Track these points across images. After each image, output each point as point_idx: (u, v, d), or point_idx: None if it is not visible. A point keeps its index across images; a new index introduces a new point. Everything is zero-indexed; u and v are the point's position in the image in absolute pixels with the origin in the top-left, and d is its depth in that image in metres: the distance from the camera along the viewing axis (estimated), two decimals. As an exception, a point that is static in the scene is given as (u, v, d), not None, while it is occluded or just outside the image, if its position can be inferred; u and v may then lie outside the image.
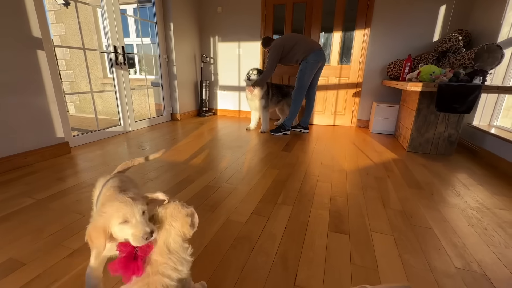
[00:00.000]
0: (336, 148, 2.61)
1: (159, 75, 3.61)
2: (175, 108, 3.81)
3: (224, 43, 4.01)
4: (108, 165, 2.03)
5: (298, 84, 2.84)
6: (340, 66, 3.57)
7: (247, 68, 3.98)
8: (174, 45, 3.52)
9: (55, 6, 5.02)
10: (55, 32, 5.15)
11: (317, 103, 3.78)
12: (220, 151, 2.43)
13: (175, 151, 2.40)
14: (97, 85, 5.19)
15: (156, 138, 2.84)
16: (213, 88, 4.29)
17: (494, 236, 1.26)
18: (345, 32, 3.45)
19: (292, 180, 1.82)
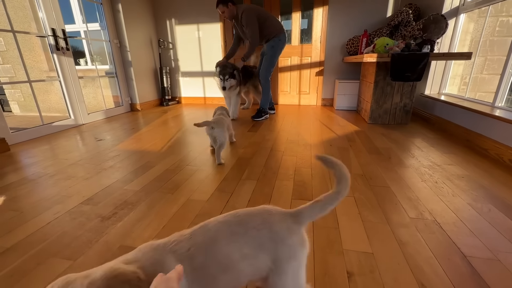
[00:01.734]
0: (302, 126, 2.63)
1: (112, 64, 3.32)
2: (134, 98, 3.59)
3: (182, 26, 3.83)
4: (57, 158, 1.83)
5: (270, 62, 2.66)
6: (301, 45, 3.58)
7: (210, 51, 3.84)
8: (125, 28, 3.27)
9: (-20, -11, 4.35)
10: (-17, 20, 4.48)
11: (281, 83, 3.79)
12: (183, 137, 2.33)
13: (134, 139, 2.26)
14: (42, 77, 4.67)
15: (114, 129, 2.66)
16: (175, 75, 4.11)
17: (443, 187, 1.34)
18: (304, 12, 3.45)
19: (258, 157, 1.80)
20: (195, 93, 4.14)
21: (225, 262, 0.48)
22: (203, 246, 0.49)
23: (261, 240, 0.51)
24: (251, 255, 0.50)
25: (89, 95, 4.59)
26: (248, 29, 2.48)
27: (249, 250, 0.50)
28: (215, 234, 0.51)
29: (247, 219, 0.53)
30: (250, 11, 2.43)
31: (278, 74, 3.74)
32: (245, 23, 2.47)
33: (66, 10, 4.20)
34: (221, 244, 0.49)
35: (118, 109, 3.45)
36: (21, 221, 1.12)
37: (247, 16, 2.43)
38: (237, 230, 0.51)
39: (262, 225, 0.52)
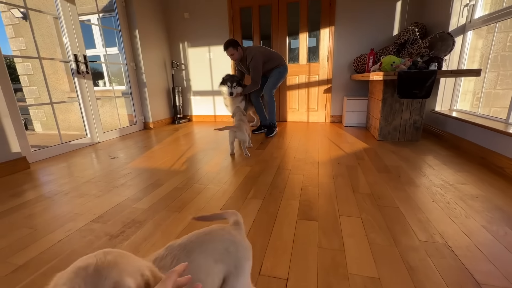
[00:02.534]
0: (310, 143, 2.63)
1: (128, 84, 3.50)
2: (147, 116, 3.72)
3: (194, 48, 4.00)
4: (73, 176, 1.91)
5: (274, 83, 2.84)
6: (308, 64, 3.65)
7: (219, 71, 3.98)
8: (141, 52, 3.46)
9: (13, 20, 4.78)
10: (15, 47, 4.89)
11: (290, 101, 3.84)
12: (192, 154, 2.38)
13: (145, 157, 2.32)
14: (64, 99, 4.97)
15: (127, 147, 2.75)
16: (187, 94, 4.25)
17: (456, 208, 1.29)
18: (311, 32, 3.55)
19: (265, 175, 1.80)
20: (206, 111, 4.25)
21: (197, 277, 0.50)
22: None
23: (225, 244, 0.56)
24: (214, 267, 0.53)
25: (106, 114, 4.82)
26: (253, 72, 2.72)
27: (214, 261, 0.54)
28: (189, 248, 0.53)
29: (205, 237, 0.57)
30: (258, 57, 2.67)
31: (286, 91, 3.80)
32: (252, 66, 2.70)
33: (89, 37, 4.52)
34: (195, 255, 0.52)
35: (132, 128, 3.57)
36: (34, 239, 1.17)
37: (256, 61, 2.68)
38: (204, 245, 0.55)
39: (222, 234, 0.58)
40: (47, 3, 4.55)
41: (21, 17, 4.68)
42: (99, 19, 3.27)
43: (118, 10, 3.25)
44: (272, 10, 3.58)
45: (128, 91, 3.56)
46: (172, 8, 3.91)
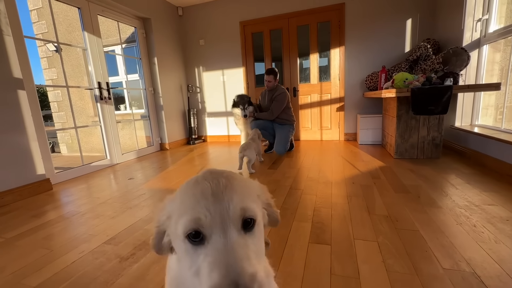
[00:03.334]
0: (323, 162, 2.58)
1: (146, 108, 3.66)
2: (164, 138, 3.83)
3: (209, 72, 4.16)
4: (91, 197, 1.97)
5: (286, 140, 2.92)
6: (320, 83, 3.68)
7: (233, 93, 4.06)
8: (159, 77, 3.64)
9: (47, 53, 5.27)
10: (48, 76, 5.34)
11: (302, 119, 3.84)
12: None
13: (160, 178, 2.36)
14: (87, 123, 5.27)
15: (143, 167, 2.82)
16: (201, 116, 4.36)
17: (484, 232, 1.19)
18: (321, 52, 3.61)
19: (276, 195, 1.77)
20: (220, 131, 4.32)
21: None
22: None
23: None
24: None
25: (125, 136, 5.03)
26: (276, 104, 2.88)
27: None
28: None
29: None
30: (286, 95, 2.88)
31: (299, 111, 3.81)
32: (278, 99, 2.86)
33: (112, 65, 4.86)
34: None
35: (149, 149, 3.68)
36: (50, 260, 1.19)
37: (283, 97, 2.87)
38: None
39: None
40: (78, 36, 5.00)
41: (54, 50, 5.15)
42: (122, 49, 3.52)
43: (139, 41, 3.49)
44: (283, 33, 3.70)
45: (146, 114, 3.71)
46: (189, 36, 4.15)
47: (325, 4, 3.41)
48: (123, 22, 3.26)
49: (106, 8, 2.98)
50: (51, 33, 5.10)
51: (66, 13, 4.93)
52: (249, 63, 3.94)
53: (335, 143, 3.51)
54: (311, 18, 3.53)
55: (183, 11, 4.09)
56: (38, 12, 5.10)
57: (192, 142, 4.16)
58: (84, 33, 2.74)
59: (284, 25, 3.67)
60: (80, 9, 2.68)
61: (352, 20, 3.35)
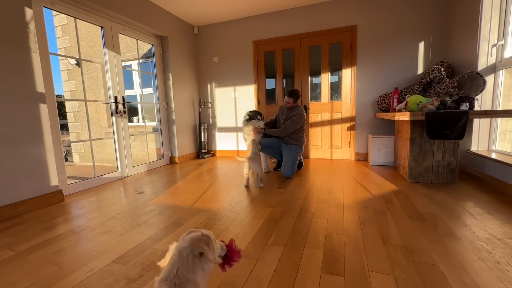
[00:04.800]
0: (334, 183, 2.54)
1: (159, 121, 3.73)
2: (174, 151, 3.87)
3: (221, 88, 4.24)
4: (101, 211, 1.98)
5: (293, 162, 2.82)
6: (331, 102, 3.68)
7: (243, 109, 4.13)
8: (173, 93, 3.73)
9: (68, 66, 5.52)
10: (67, 88, 5.57)
11: (313, 137, 3.82)
12: (214, 191, 2.39)
13: (169, 193, 2.36)
14: (101, 134, 5.39)
15: (153, 181, 2.83)
16: (212, 130, 4.41)
17: (509, 270, 1.12)
18: (332, 72, 3.64)
19: (286, 218, 1.73)
20: (229, 146, 4.34)
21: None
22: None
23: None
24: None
25: (137, 148, 5.11)
26: (290, 124, 2.83)
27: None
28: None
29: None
30: (303, 117, 2.85)
31: (309, 129, 3.81)
32: (293, 119, 2.82)
33: (129, 79, 5.03)
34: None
35: (159, 162, 3.71)
36: (58, 277, 1.19)
37: (299, 117, 2.82)
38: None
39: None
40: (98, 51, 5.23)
41: (75, 64, 5.39)
42: (139, 64, 3.65)
43: (156, 57, 3.61)
44: (295, 52, 3.76)
45: (158, 127, 3.78)
46: (203, 54, 4.27)
47: (337, 25, 3.47)
48: (142, 40, 3.39)
49: (127, 27, 3.12)
50: (73, 47, 5.36)
51: (89, 29, 5.19)
52: (261, 80, 3.99)
53: (346, 163, 3.46)
54: (323, 39, 3.59)
55: (198, 30, 4.23)
56: (62, 28, 5.40)
57: (201, 156, 4.18)
58: (105, 50, 2.86)
59: (296, 45, 3.73)
60: (103, 28, 2.82)
61: (364, 41, 3.39)
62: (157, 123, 3.82)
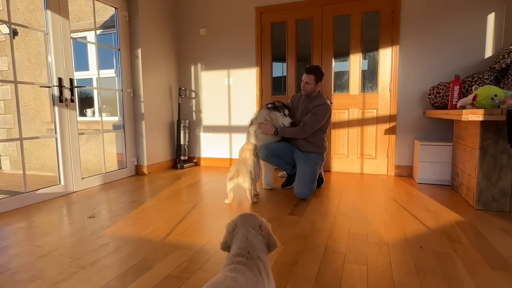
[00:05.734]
0: (369, 208, 2.42)
1: (122, 115, 3.61)
2: (141, 158, 3.76)
3: (209, 72, 4.15)
4: (30, 244, 1.82)
5: (312, 178, 2.76)
6: (363, 95, 3.60)
7: (241, 101, 4.04)
8: (142, 76, 3.61)
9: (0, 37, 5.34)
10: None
11: (336, 144, 3.75)
12: (197, 217, 2.26)
13: (132, 219, 2.23)
14: (42, 131, 5.20)
15: (110, 201, 2.70)
16: (195, 130, 4.32)
17: None
18: (365, 53, 3.57)
19: (305, 261, 1.59)
20: (219, 153, 4.23)
21: None
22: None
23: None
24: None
25: (90, 152, 4.93)
26: (312, 118, 2.75)
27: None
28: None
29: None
30: (328, 110, 2.77)
31: (331, 130, 3.74)
32: (317, 112, 2.73)
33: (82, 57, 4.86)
34: None
35: (121, 173, 3.58)
36: None
37: (324, 110, 2.74)
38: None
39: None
40: (41, 17, 5.07)
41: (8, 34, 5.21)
42: (96, 36, 3.49)
43: (120, 26, 3.49)
44: (314, 25, 3.69)
45: (121, 123, 3.65)
46: (186, 24, 4.18)
47: (374, -12, 3.39)
48: (100, 1, 3.24)
49: (80, -19, 2.97)
50: (5, 10, 5.20)
51: (29, -13, 5.04)
52: (266, 63, 3.91)
53: (383, 180, 3.37)
54: (353, 6, 3.51)
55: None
56: (-8, -16, 5.24)
57: (180, 166, 4.11)
58: (47, 12, 2.71)
59: (316, 14, 3.66)
60: (45, -19, 2.67)
61: (410, 11, 3.30)
62: (119, 118, 3.70)
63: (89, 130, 4.89)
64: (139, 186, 3.22)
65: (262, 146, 2.81)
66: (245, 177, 2.47)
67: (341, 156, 3.74)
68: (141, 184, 3.30)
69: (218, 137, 4.22)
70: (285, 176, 3.21)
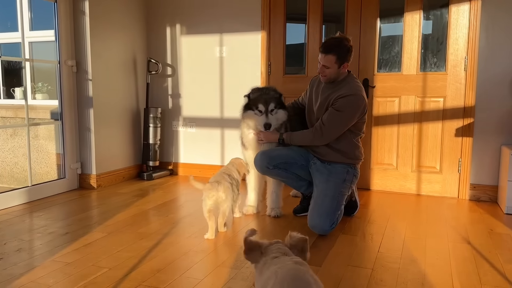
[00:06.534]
0: (430, 256, 2.31)
1: (60, 100, 3.58)
2: (88, 164, 3.74)
3: (193, 38, 4.14)
4: None
5: (336, 206, 2.70)
6: (422, 75, 3.56)
7: (238, 83, 4.01)
8: (90, 41, 3.56)
9: None
10: None
11: (378, 148, 3.78)
12: (170, 258, 2.21)
13: (60, 265, 2.11)
14: None
15: (32, 231, 2.64)
16: (171, 123, 4.32)
17: None
18: (428, 11, 3.51)
19: None
20: (206, 157, 4.24)
21: None
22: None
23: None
24: None
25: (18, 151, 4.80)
26: (334, 117, 2.68)
27: None
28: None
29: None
30: (361, 102, 2.68)
31: (372, 128, 3.70)
32: (341, 107, 2.65)
33: (7, 12, 4.85)
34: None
35: (56, 185, 3.56)
36: None
37: (353, 104, 2.66)
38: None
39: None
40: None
41: None
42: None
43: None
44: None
45: (60, 110, 3.64)
46: (159, -35, 4.16)
47: None
48: None
49: None
50: None
51: None
52: (276, 25, 3.89)
53: (451, 206, 3.31)
54: None
55: None
56: None
57: (147, 176, 4.12)
58: None
59: (353, -49, 3.63)
60: None
61: None
62: (58, 103, 3.70)
63: (17, 119, 4.79)
64: (81, 207, 3.18)
65: (260, 153, 2.79)
66: (227, 191, 2.52)
67: (387, 167, 3.70)
68: (85, 204, 3.28)
69: (204, 134, 4.21)
70: (299, 196, 3.18)
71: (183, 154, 4.28)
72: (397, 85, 3.56)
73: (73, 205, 3.19)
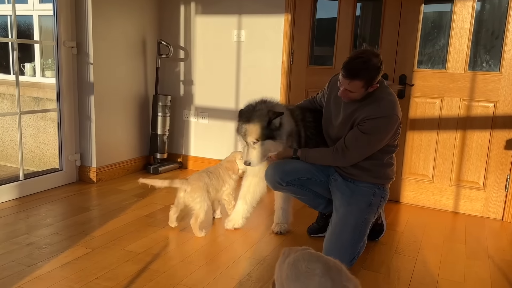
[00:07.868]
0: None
1: (57, 84, 3.45)
2: (88, 155, 3.68)
3: (209, 18, 4.08)
4: None
5: (358, 237, 2.47)
6: (471, 74, 3.32)
7: (258, 70, 3.98)
8: (92, 20, 3.41)
9: None
10: None
11: (412, 156, 3.62)
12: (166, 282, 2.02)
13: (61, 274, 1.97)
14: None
15: (10, 241, 2.44)
16: (182, 112, 4.31)
17: None
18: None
19: None
20: (219, 150, 4.16)
21: None
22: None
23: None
24: None
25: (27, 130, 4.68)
26: (355, 143, 2.44)
27: None
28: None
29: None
30: (394, 123, 2.41)
31: (407, 132, 3.50)
32: (368, 130, 2.38)
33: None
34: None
35: (52, 179, 3.52)
36: None
37: (383, 128, 2.40)
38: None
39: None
40: None
41: None
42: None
43: None
44: None
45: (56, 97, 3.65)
46: None
47: None
48: None
49: None
50: None
51: None
52: (302, 4, 3.71)
53: (494, 230, 3.15)
54: None
55: None
56: None
57: (153, 169, 4.07)
58: None
59: None
60: None
61: None
62: (57, 89, 3.59)
63: (25, 98, 4.68)
64: (72, 207, 3.07)
65: (271, 167, 2.53)
66: (199, 192, 2.58)
67: (421, 178, 3.55)
68: (78, 204, 3.16)
69: (218, 126, 4.18)
70: (319, 217, 2.93)
71: (194, 147, 4.24)
72: (440, 85, 3.35)
73: (64, 205, 3.09)
